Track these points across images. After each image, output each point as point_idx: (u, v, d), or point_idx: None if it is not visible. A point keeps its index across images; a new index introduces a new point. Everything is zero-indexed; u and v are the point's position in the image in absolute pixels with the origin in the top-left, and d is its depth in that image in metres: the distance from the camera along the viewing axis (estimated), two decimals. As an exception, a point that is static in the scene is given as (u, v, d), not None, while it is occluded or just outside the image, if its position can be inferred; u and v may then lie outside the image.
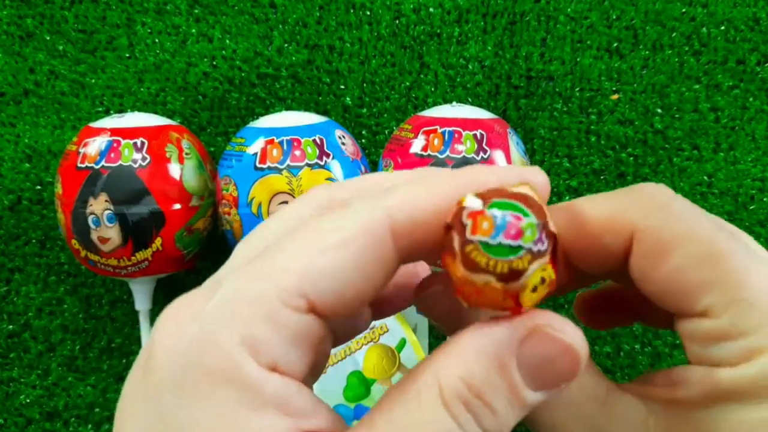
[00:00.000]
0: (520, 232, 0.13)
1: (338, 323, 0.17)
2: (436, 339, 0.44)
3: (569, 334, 0.15)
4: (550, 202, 0.16)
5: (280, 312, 0.14)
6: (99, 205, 0.38)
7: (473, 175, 0.16)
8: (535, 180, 0.16)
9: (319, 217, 0.15)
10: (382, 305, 0.20)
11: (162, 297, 0.45)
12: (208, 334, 0.14)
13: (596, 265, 0.18)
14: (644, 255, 0.16)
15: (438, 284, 0.18)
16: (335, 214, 0.15)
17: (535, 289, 0.14)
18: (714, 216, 0.18)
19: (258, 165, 0.38)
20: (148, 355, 0.15)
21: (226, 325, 0.14)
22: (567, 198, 0.45)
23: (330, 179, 0.38)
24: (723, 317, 0.16)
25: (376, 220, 0.15)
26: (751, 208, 0.45)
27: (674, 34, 0.46)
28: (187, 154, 0.40)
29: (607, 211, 0.17)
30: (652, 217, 0.16)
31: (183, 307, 0.15)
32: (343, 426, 0.15)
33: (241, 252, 0.17)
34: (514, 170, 0.16)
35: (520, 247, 0.13)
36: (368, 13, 0.47)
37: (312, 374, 0.16)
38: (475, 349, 0.14)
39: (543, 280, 0.14)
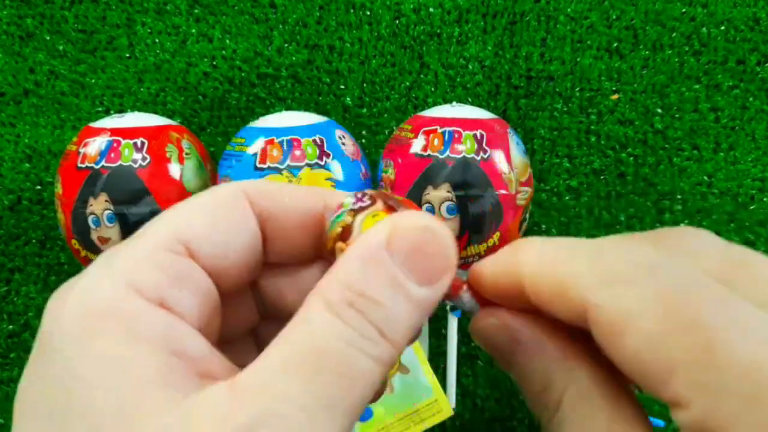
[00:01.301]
0: (341, 206, 0.18)
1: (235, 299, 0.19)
2: (437, 339, 0.44)
3: (429, 220, 0.16)
4: (549, 203, 0.16)
5: (160, 254, 0.15)
6: (99, 205, 0.38)
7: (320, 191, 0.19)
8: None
9: (196, 194, 0.18)
10: None
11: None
12: (92, 286, 0.15)
13: (565, 320, 0.16)
14: (600, 337, 0.15)
15: (491, 317, 0.18)
16: (207, 190, 0.18)
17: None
18: (700, 253, 0.16)
19: (258, 165, 0.38)
20: (40, 330, 0.15)
21: (107, 275, 0.15)
22: (566, 198, 0.45)
23: (330, 179, 0.38)
24: (693, 407, 0.13)
25: (233, 188, 0.18)
26: (751, 208, 0.45)
27: (674, 34, 0.46)
28: (187, 154, 0.40)
29: (554, 280, 0.16)
30: (604, 289, 0.14)
31: (67, 282, 0.16)
32: (235, 372, 0.15)
33: None
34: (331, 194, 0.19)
35: (342, 213, 0.17)
36: (368, 13, 0.47)
37: (210, 331, 0.17)
38: (350, 257, 0.15)
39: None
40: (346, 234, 0.17)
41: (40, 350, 0.15)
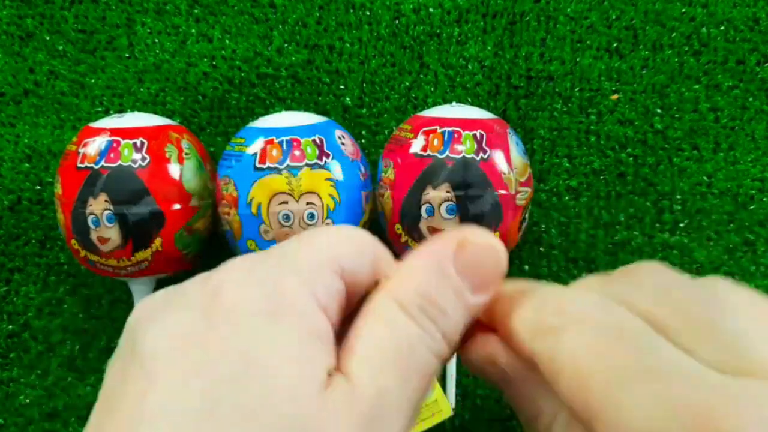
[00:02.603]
0: None
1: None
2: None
3: (489, 238, 0.19)
4: (549, 203, 0.18)
5: (329, 271, 0.18)
6: (99, 206, 0.38)
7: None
8: None
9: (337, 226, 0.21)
10: None
11: (162, 297, 0.45)
12: (276, 278, 0.17)
13: None
14: (543, 375, 0.17)
15: (480, 351, 0.20)
16: (342, 225, 0.21)
17: None
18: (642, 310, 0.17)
19: (258, 165, 0.38)
20: (213, 291, 0.17)
21: (290, 273, 0.17)
22: (566, 198, 0.45)
23: (330, 179, 0.38)
24: None
25: (370, 237, 0.20)
26: (751, 208, 0.45)
27: (674, 34, 0.46)
28: (186, 154, 0.40)
29: (508, 332, 0.19)
30: (535, 343, 0.17)
31: (241, 260, 0.18)
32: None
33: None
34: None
35: None
36: (368, 13, 0.47)
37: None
38: (421, 266, 0.18)
39: None
40: None
41: (214, 314, 0.16)
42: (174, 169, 0.39)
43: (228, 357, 0.15)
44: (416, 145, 0.39)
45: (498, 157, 0.38)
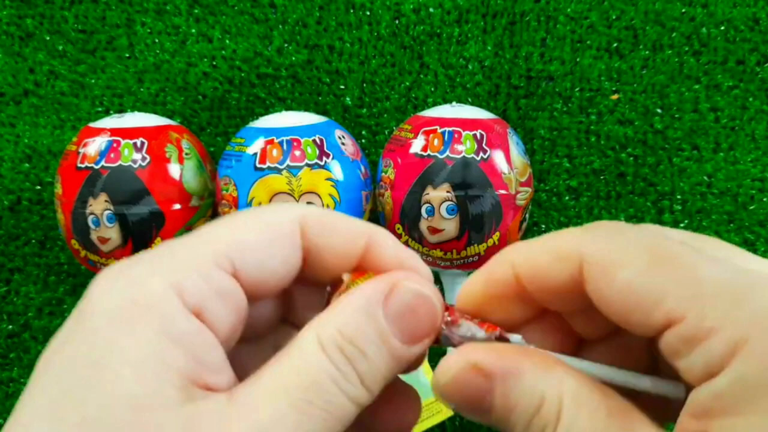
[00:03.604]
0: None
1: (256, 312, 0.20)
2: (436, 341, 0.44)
3: (425, 287, 0.18)
4: (549, 203, 0.17)
5: (209, 267, 0.17)
6: (99, 206, 0.38)
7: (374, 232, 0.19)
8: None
9: (254, 209, 0.19)
10: None
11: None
12: (141, 278, 0.16)
13: (554, 299, 0.18)
14: (595, 278, 0.17)
15: (457, 365, 0.19)
16: (267, 208, 0.19)
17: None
18: (665, 229, 0.18)
19: (258, 165, 0.38)
20: (87, 296, 0.16)
21: (157, 273, 0.16)
22: (566, 198, 0.45)
23: (330, 179, 0.38)
24: (688, 318, 0.15)
25: (292, 216, 0.18)
26: (751, 208, 0.45)
27: (674, 34, 0.46)
28: (186, 154, 0.40)
29: (554, 246, 0.18)
30: (597, 241, 0.17)
31: (116, 265, 0.17)
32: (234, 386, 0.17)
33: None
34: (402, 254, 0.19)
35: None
36: (368, 13, 0.47)
37: (232, 339, 0.18)
38: (349, 304, 0.17)
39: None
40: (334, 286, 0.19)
41: (78, 323, 0.16)
42: (174, 169, 0.39)
43: (77, 365, 0.15)
44: (416, 145, 0.39)
45: (498, 157, 0.38)
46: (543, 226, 0.45)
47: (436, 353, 0.44)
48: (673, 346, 0.15)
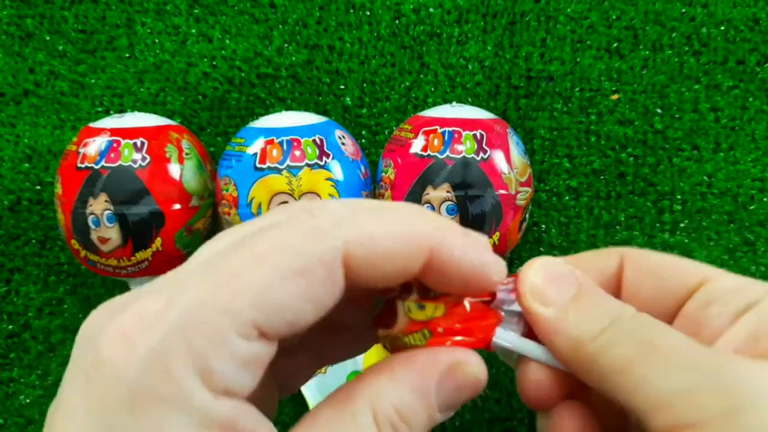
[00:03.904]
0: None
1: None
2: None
3: (480, 370, 0.18)
4: (549, 203, 0.18)
5: (233, 341, 0.15)
6: (99, 206, 0.38)
7: (434, 223, 0.17)
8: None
9: (278, 232, 0.16)
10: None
11: (162, 297, 0.45)
12: (162, 360, 0.14)
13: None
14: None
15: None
16: (292, 234, 0.16)
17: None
18: None
19: (258, 165, 0.38)
20: (93, 365, 0.15)
21: (179, 352, 0.14)
22: (566, 198, 0.45)
23: (330, 179, 0.38)
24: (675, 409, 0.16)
25: (332, 250, 0.15)
26: (751, 208, 0.45)
27: (674, 34, 0.46)
28: (187, 154, 0.40)
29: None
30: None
31: (135, 322, 0.15)
32: None
33: (204, 255, 0.17)
34: (475, 246, 0.18)
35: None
36: (368, 13, 0.47)
37: (264, 392, 0.18)
38: (407, 379, 0.17)
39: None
40: (388, 319, 0.19)
41: (96, 391, 0.14)
42: (174, 169, 0.39)
43: None
44: (416, 145, 0.39)
45: (498, 157, 0.38)
46: (543, 226, 0.45)
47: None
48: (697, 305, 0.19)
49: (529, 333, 0.20)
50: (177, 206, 0.39)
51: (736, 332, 0.18)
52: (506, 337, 0.20)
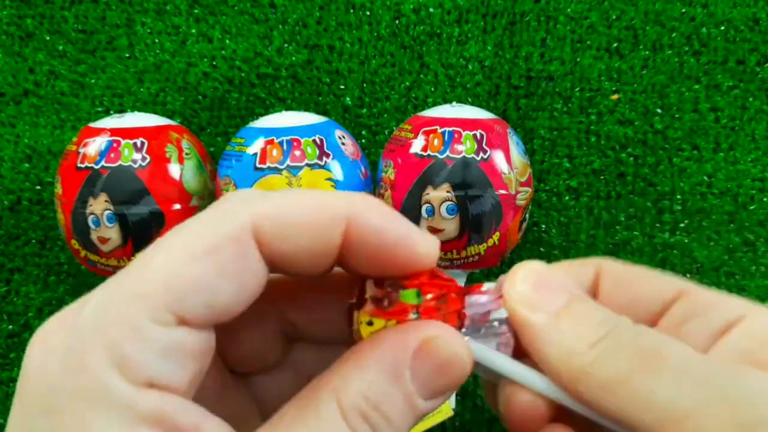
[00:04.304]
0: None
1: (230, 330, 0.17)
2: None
3: (457, 345, 0.16)
4: (549, 203, 0.17)
5: (149, 329, 0.14)
6: (99, 206, 0.38)
7: (351, 197, 0.16)
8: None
9: (190, 222, 0.15)
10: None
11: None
12: (78, 356, 0.14)
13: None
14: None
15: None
16: (207, 218, 0.15)
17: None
18: None
19: (258, 165, 0.38)
20: (20, 377, 0.14)
21: (93, 346, 0.14)
22: (566, 198, 0.45)
23: (330, 179, 0.38)
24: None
25: (240, 226, 0.15)
26: (751, 208, 0.45)
27: (674, 34, 0.46)
28: (187, 154, 0.40)
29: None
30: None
31: (53, 327, 0.15)
32: None
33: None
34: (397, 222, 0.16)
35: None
36: (368, 13, 0.47)
37: (195, 383, 0.16)
38: (372, 363, 0.15)
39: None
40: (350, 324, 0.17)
41: (21, 402, 0.14)
42: (174, 169, 0.39)
43: None
44: (416, 145, 0.39)
45: (498, 157, 0.38)
46: (543, 226, 0.45)
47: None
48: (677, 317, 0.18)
49: (516, 346, 0.18)
50: (177, 206, 0.39)
51: (725, 349, 0.17)
52: (490, 356, 0.18)
